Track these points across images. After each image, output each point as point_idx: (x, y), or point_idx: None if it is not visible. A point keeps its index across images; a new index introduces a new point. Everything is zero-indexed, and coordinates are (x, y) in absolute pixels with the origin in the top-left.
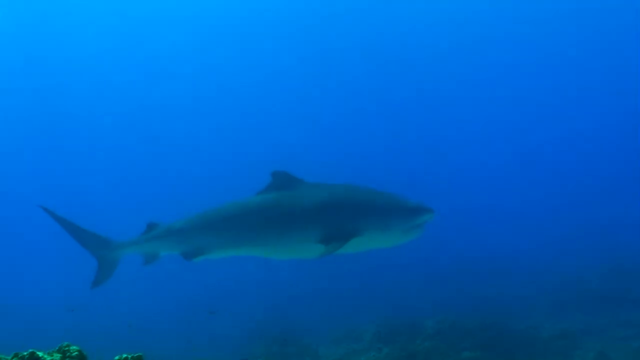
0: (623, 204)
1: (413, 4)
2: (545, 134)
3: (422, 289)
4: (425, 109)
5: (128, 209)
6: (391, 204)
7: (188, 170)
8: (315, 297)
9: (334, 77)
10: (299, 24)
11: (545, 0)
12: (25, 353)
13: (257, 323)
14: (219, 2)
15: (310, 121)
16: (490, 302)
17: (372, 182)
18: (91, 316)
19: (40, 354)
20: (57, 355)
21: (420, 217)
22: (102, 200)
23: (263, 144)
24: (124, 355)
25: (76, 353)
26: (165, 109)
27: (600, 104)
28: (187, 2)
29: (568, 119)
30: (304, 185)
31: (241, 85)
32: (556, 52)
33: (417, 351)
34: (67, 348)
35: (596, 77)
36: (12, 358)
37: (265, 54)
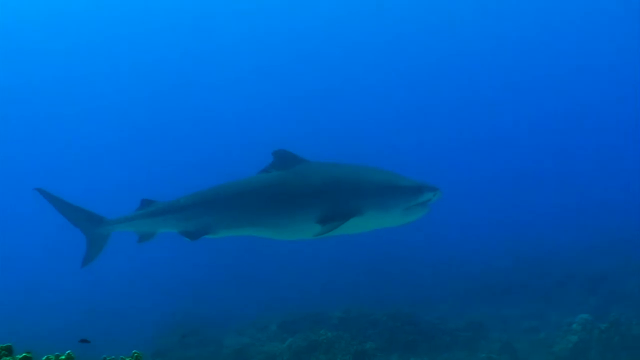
0: (529, 197)
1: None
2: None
3: (331, 282)
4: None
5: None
6: (390, 182)
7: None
8: (223, 289)
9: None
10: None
11: None
12: None
13: (161, 316)
14: None
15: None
16: (398, 295)
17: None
18: None
19: None
20: None
21: (421, 196)
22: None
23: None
24: None
25: None
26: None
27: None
28: None
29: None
30: (305, 164)
31: (245, 69)
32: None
33: (320, 341)
34: None
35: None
36: None
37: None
